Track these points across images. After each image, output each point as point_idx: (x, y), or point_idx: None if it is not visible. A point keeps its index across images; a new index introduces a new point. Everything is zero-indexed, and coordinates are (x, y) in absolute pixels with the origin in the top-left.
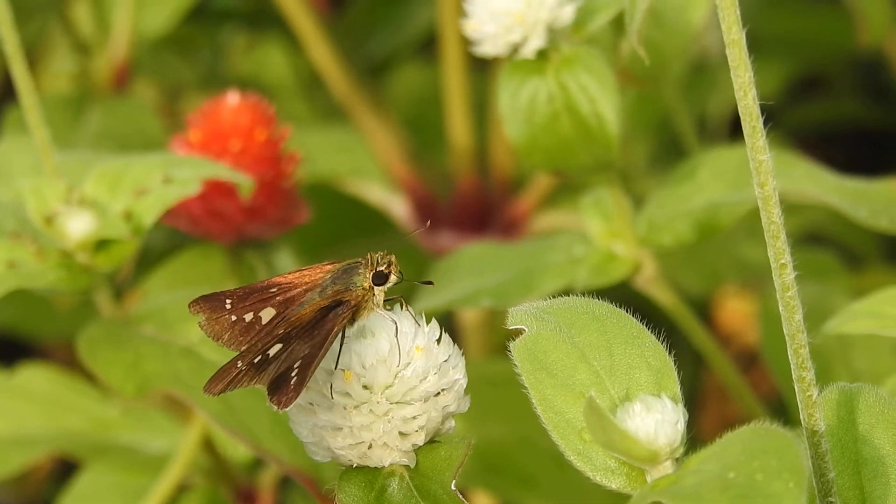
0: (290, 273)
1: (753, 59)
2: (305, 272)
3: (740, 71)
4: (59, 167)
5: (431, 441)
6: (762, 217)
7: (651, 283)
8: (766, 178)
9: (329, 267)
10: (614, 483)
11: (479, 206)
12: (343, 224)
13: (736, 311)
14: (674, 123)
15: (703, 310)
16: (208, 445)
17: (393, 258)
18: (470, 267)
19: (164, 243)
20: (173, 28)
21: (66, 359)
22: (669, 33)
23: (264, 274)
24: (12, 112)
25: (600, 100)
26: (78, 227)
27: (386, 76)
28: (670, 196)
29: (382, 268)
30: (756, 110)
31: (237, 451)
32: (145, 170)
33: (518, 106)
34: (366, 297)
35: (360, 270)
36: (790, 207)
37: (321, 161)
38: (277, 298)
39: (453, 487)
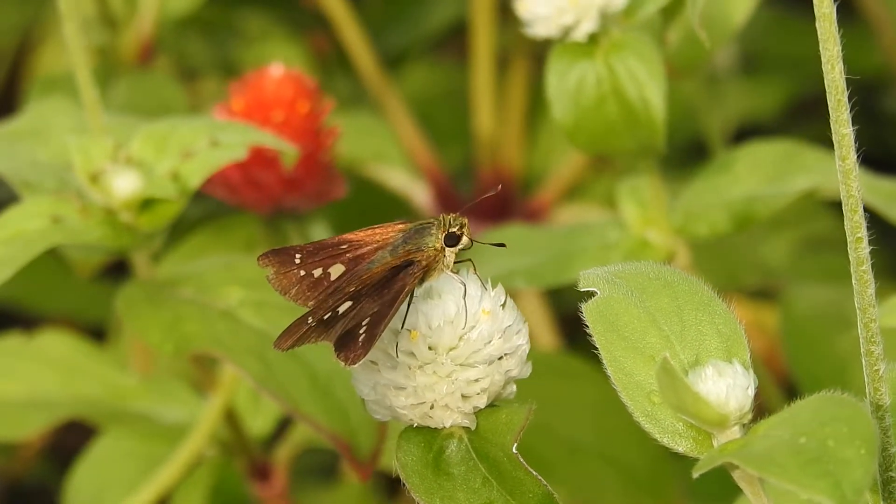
0: (360, 231)
1: (756, 78)
2: (377, 230)
3: (829, 44)
4: (105, 127)
5: (491, 405)
6: (841, 191)
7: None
8: (847, 151)
9: (401, 226)
10: (681, 446)
11: (500, 197)
12: (360, 210)
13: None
14: (688, 127)
15: None
16: (228, 417)
17: (465, 220)
18: (503, 248)
19: (196, 214)
20: (198, 8)
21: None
22: (711, 27)
23: None
24: (38, 79)
25: (648, 85)
26: (124, 185)
27: (396, 74)
28: (707, 186)
29: (455, 229)
30: (842, 84)
31: (256, 423)
32: (192, 133)
33: (566, 88)
34: (437, 258)
35: (432, 231)
36: (806, 212)
37: (344, 144)
38: (347, 255)
39: (514, 450)
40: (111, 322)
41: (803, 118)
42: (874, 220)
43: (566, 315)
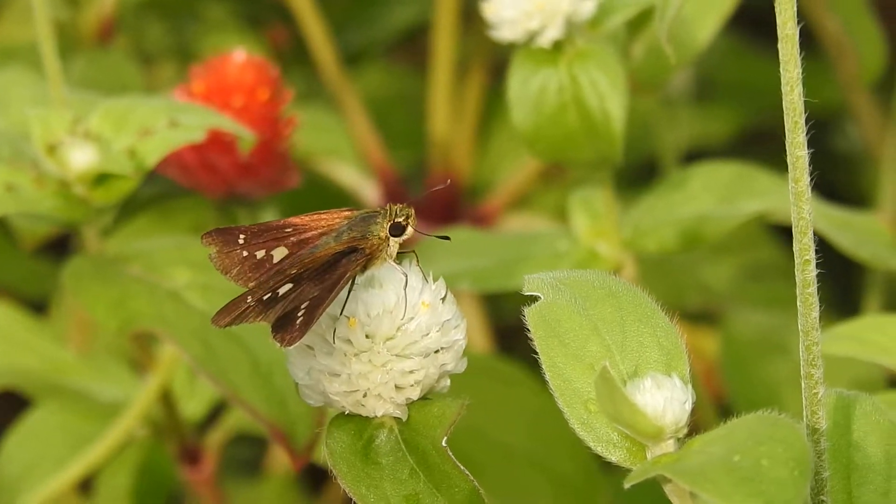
0: (306, 215)
1: (709, 104)
2: (323, 215)
3: (790, 66)
4: (66, 100)
5: (424, 398)
6: (792, 213)
7: None
8: (801, 173)
9: (347, 213)
10: (614, 456)
11: (449, 201)
12: (310, 203)
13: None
14: (640, 146)
15: None
16: (163, 399)
17: (411, 211)
18: (451, 249)
19: (147, 194)
20: None
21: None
22: (675, 46)
23: None
24: None
25: (609, 96)
26: (81, 158)
27: (353, 72)
28: (659, 203)
29: (401, 220)
30: (800, 107)
31: (190, 407)
32: (152, 112)
33: (527, 94)
34: (381, 247)
35: (378, 220)
36: (751, 239)
37: (298, 137)
38: (291, 239)
39: (444, 444)
40: (51, 297)
41: (752, 147)
42: (823, 247)
43: (501, 325)
